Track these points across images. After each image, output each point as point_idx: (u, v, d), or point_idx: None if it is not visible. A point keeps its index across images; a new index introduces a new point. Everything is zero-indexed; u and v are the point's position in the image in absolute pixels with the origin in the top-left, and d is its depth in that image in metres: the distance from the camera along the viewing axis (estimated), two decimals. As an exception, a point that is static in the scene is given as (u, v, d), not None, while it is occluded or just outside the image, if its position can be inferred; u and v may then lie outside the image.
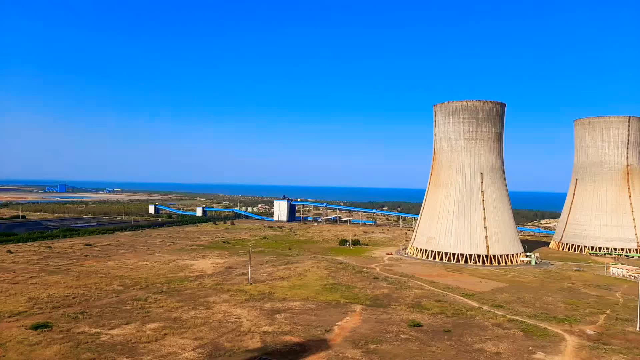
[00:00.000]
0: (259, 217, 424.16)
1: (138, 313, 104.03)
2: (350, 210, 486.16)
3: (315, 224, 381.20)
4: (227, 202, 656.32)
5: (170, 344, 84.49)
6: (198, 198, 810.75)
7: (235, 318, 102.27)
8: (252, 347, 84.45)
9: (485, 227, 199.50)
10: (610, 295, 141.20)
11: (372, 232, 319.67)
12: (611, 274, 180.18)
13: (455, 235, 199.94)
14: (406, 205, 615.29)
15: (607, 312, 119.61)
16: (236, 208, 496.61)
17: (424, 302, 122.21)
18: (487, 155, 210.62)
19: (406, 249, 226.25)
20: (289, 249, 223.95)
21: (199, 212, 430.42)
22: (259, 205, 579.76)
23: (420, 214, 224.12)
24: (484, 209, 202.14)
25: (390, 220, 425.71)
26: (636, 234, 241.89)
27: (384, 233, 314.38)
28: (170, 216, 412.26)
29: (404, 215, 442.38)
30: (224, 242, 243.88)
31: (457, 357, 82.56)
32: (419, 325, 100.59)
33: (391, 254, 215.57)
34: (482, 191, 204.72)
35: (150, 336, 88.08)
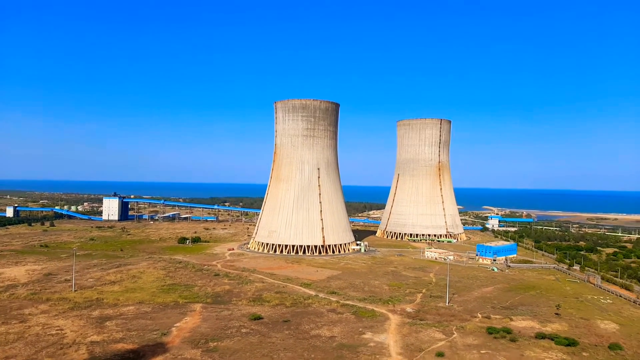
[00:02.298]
0: (85, 217, 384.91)
1: None
2: (190, 207, 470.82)
3: (152, 222, 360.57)
4: (46, 201, 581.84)
5: (-30, 369, 71.90)
6: (8, 196, 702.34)
7: (57, 330, 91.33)
8: (78, 359, 76.43)
9: (321, 219, 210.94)
10: (426, 276, 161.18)
11: (214, 228, 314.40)
12: (426, 257, 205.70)
13: (295, 228, 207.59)
14: (249, 200, 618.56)
15: (423, 291, 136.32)
16: (57, 207, 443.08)
17: (264, 295, 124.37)
18: (324, 152, 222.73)
19: (248, 243, 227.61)
20: (121, 250, 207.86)
21: (9, 212, 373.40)
22: (85, 204, 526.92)
23: (262, 208, 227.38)
24: (320, 202, 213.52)
25: (232, 216, 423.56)
26: (445, 222, 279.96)
27: (226, 229, 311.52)
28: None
29: (246, 210, 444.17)
30: (41, 245, 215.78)
31: (295, 345, 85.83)
32: (259, 318, 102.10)
33: (233, 249, 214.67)
34: (319, 185, 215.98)
35: (-58, 362, 73.78)
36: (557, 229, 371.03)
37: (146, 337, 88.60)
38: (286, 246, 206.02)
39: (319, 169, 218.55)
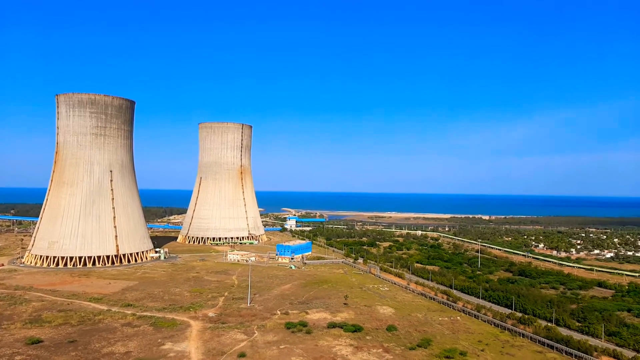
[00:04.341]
0: None
1: None
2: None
3: None
4: None
5: None
6: None
7: None
8: None
9: (115, 227, 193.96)
10: (228, 278, 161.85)
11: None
12: (229, 260, 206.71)
13: (82, 237, 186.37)
14: (23, 207, 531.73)
15: (226, 294, 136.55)
16: None
17: (44, 315, 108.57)
18: (117, 153, 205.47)
19: (22, 257, 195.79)
20: None
21: None
22: None
23: (40, 216, 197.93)
24: (113, 208, 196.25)
25: (1, 226, 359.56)
26: (248, 224, 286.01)
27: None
28: None
29: (19, 218, 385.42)
30: None
31: (83, 368, 76.95)
32: (39, 341, 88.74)
33: (2, 265, 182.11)
34: (112, 189, 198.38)
35: None
36: (345, 227, 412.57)
37: None
38: (71, 258, 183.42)
39: (111, 171, 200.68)
